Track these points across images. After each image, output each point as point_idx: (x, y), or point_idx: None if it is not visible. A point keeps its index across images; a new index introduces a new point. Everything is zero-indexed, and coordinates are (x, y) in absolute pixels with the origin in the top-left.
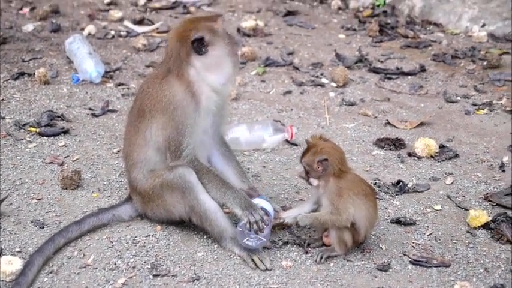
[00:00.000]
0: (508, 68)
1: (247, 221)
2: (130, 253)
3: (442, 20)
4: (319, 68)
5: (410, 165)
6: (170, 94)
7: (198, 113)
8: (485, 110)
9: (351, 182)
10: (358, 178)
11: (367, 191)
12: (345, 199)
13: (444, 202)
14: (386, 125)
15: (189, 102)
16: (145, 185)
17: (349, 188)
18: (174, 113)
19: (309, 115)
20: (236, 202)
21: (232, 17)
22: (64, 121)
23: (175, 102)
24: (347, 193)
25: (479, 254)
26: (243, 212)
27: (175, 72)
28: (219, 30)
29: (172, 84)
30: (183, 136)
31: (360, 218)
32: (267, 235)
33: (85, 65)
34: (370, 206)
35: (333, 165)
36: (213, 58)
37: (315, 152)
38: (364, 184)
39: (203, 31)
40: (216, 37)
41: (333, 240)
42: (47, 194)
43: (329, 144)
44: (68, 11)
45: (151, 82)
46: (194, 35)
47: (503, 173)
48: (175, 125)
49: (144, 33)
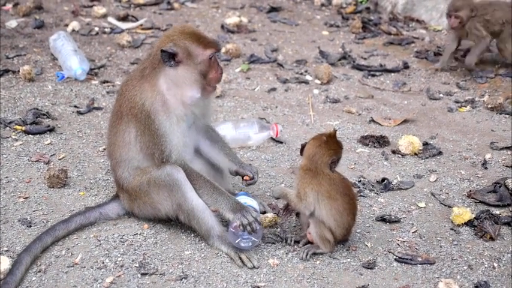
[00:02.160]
0: (490, 65)
1: (240, 223)
2: (118, 252)
3: (425, 17)
4: (303, 65)
5: (395, 162)
6: (142, 100)
7: (170, 121)
8: (468, 107)
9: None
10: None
11: (332, 195)
12: (309, 189)
13: (428, 199)
14: (370, 122)
15: (159, 110)
16: (132, 183)
17: (316, 183)
18: (147, 121)
19: (294, 112)
20: (228, 207)
21: (216, 14)
22: (50, 119)
23: (145, 110)
24: (312, 186)
25: (463, 251)
26: (235, 215)
27: (149, 76)
28: (199, 57)
29: (145, 89)
30: (162, 144)
31: (325, 216)
32: (259, 235)
33: (70, 62)
34: (336, 207)
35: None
36: (182, 77)
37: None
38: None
39: (180, 48)
40: (192, 61)
41: (315, 238)
42: (34, 192)
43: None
44: (52, 7)
45: (129, 83)
46: (167, 47)
47: (486, 170)
48: (150, 133)
49: (128, 29)
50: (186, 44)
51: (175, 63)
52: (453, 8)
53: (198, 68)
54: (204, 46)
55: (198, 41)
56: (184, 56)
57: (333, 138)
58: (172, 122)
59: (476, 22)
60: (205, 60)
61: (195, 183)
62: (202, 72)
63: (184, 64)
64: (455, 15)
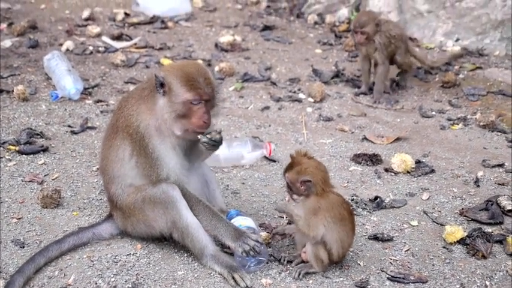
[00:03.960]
0: (481, 82)
1: (242, 251)
2: (111, 272)
3: (417, 35)
4: (296, 84)
5: (387, 180)
6: (138, 122)
7: (165, 146)
8: (460, 125)
9: (330, 203)
10: (339, 200)
11: (344, 215)
12: (319, 219)
13: (421, 218)
14: (363, 140)
15: (154, 134)
16: (126, 200)
17: (326, 209)
18: (141, 143)
19: (287, 131)
20: (227, 235)
21: (210, 32)
22: (43, 139)
23: (140, 132)
24: (323, 214)
25: (456, 269)
26: (236, 243)
27: (147, 98)
28: (179, 97)
29: (142, 111)
30: (158, 167)
31: (331, 240)
32: (264, 253)
33: (64, 81)
34: (344, 230)
35: (316, 186)
36: (165, 108)
37: (299, 171)
38: (343, 207)
39: (167, 81)
40: (173, 98)
41: (310, 257)
42: (27, 213)
43: (313, 164)
44: (46, 26)
45: (128, 101)
46: (160, 74)
47: (478, 188)
48: (145, 154)
49: (122, 48)
50: (173, 80)
51: (163, 92)
52: (359, 24)
53: (175, 107)
54: (187, 89)
55: (184, 81)
56: (168, 90)
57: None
58: (166, 146)
59: (384, 36)
60: (184, 103)
61: (194, 209)
62: (181, 114)
63: (167, 98)
64: (361, 31)
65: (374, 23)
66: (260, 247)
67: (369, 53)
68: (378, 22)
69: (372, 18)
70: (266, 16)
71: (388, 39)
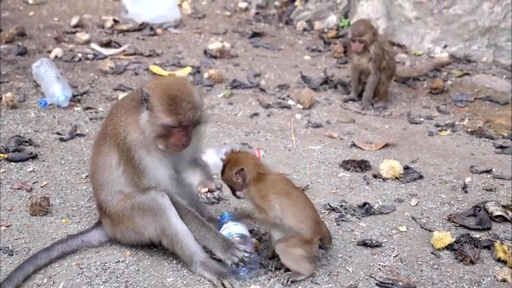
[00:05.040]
0: (469, 89)
1: (231, 263)
2: (100, 279)
3: (405, 41)
4: (285, 90)
5: (376, 186)
6: (125, 133)
7: (151, 158)
8: (448, 131)
9: (270, 183)
10: (278, 178)
11: (288, 190)
12: (269, 200)
13: (409, 223)
14: (351, 146)
15: (140, 146)
16: (116, 207)
17: (268, 188)
18: (128, 154)
19: (276, 137)
20: (216, 246)
21: (198, 39)
22: (32, 146)
23: (127, 143)
24: (267, 193)
25: (444, 275)
26: (225, 255)
27: (135, 110)
28: (158, 120)
29: (130, 122)
30: (145, 178)
31: (287, 216)
32: (255, 261)
33: (52, 88)
34: (294, 203)
35: (250, 172)
36: (148, 123)
37: (231, 166)
38: (283, 184)
39: (149, 100)
40: (153, 118)
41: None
42: (16, 220)
43: (242, 156)
44: (34, 33)
45: (119, 108)
46: (145, 90)
47: (466, 194)
48: (132, 165)
49: (111, 55)
50: (155, 101)
51: (147, 107)
52: (357, 33)
53: (155, 128)
54: (167, 114)
55: (165, 105)
56: (150, 108)
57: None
58: (153, 158)
59: (379, 48)
60: (163, 126)
61: (183, 219)
62: (161, 133)
63: (149, 114)
64: (359, 40)
65: (372, 31)
66: (249, 257)
67: (361, 62)
68: (375, 31)
69: (369, 27)
70: (255, 23)
71: (382, 52)
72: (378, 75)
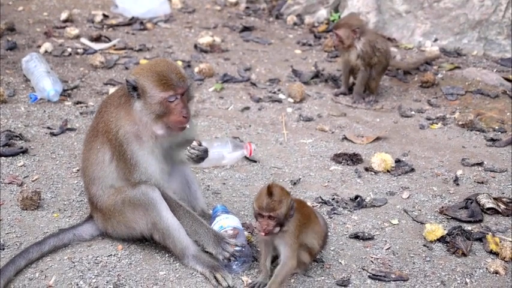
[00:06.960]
0: (460, 82)
1: (223, 258)
2: (92, 273)
3: (396, 35)
4: (276, 84)
5: (368, 180)
6: (116, 128)
7: (143, 151)
8: (439, 124)
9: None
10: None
11: (307, 212)
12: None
13: (401, 216)
14: (343, 140)
15: (133, 140)
16: (107, 202)
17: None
18: (120, 149)
19: (267, 131)
20: (207, 241)
21: (189, 33)
22: (23, 141)
23: (119, 138)
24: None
25: (436, 267)
26: (216, 250)
27: (125, 104)
28: (154, 98)
29: (121, 117)
30: (136, 172)
31: (310, 239)
32: (247, 254)
33: (42, 83)
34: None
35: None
36: (143, 111)
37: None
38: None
39: (139, 84)
40: (148, 100)
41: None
42: (7, 215)
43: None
44: (24, 28)
45: (108, 105)
46: (131, 79)
47: (458, 187)
48: (124, 160)
49: (101, 50)
50: (145, 82)
51: (137, 95)
52: (334, 26)
53: (153, 108)
54: (161, 88)
55: (156, 81)
56: (142, 92)
57: None
58: (145, 151)
59: (369, 46)
60: (161, 102)
61: (175, 214)
62: (160, 113)
63: (142, 100)
64: (335, 33)
65: (350, 28)
66: (241, 251)
67: (350, 58)
68: (356, 29)
69: (348, 24)
70: (245, 17)
71: (372, 50)
72: (367, 72)
